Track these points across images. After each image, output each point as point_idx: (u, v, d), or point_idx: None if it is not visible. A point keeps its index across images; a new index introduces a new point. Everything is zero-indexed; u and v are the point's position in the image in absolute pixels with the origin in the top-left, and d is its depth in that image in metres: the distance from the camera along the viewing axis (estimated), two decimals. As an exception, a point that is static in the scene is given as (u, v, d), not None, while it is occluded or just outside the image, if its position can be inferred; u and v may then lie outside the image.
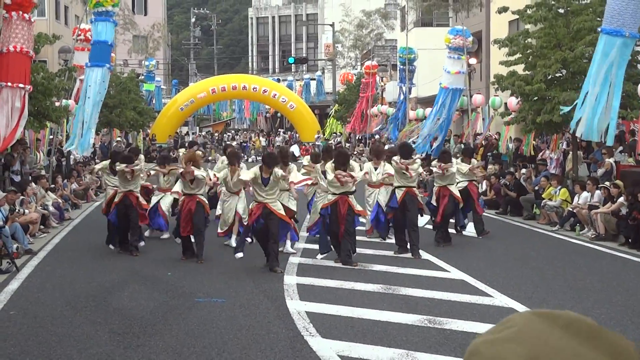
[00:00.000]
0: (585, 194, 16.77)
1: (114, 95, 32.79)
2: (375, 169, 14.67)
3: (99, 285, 11.03)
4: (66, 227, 17.58)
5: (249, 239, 12.27)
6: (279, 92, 47.31)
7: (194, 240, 13.13)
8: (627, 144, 18.87)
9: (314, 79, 65.50)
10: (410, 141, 23.41)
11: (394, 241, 13.99)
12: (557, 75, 18.82)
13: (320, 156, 14.29)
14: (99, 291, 10.61)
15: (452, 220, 15.49)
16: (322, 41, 72.18)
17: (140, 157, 15.03)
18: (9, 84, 15.26)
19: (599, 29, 14.93)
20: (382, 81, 42.67)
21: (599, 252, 14.39)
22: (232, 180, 13.72)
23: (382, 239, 14.97)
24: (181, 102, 46.30)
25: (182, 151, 18.37)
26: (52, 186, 19.82)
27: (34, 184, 17.75)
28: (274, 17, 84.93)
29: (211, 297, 10.16)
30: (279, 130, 62.53)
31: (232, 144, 29.42)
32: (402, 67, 34.07)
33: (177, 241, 13.72)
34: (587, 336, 1.13)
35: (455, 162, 15.36)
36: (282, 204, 12.39)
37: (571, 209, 16.99)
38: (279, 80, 59.81)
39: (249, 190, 12.49)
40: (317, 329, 8.46)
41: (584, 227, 16.39)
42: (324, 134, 49.52)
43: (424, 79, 36.78)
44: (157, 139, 44.25)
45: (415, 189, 13.71)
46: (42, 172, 20.92)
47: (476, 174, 16.49)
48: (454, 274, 11.90)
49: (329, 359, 7.47)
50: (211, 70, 76.53)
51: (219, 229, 14.28)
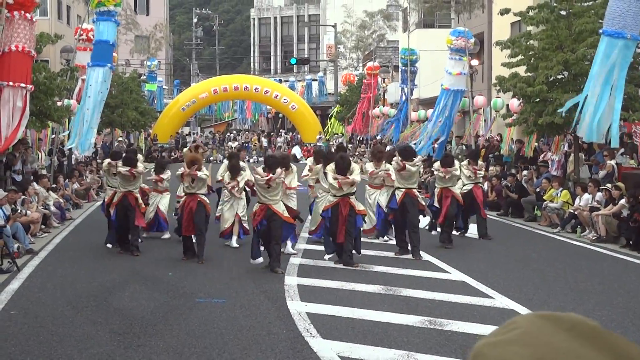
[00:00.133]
0: (586, 196, 16.76)
1: (115, 95, 32.83)
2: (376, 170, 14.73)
3: (99, 285, 11.04)
4: (67, 227, 17.59)
5: (262, 247, 12.24)
6: (280, 92, 47.33)
7: (195, 240, 13.15)
8: (628, 146, 18.84)
9: (316, 80, 65.48)
10: (412, 144, 23.37)
11: (394, 242, 14.00)
12: (559, 77, 18.81)
13: (322, 154, 14.33)
14: (100, 291, 10.62)
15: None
16: (324, 42, 72.24)
17: (138, 156, 15.04)
18: (11, 83, 15.26)
19: (600, 31, 14.93)
20: (383, 82, 42.66)
21: (600, 254, 14.38)
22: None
23: (379, 237, 14.98)
24: (183, 103, 46.35)
25: (185, 151, 18.38)
26: (54, 186, 19.84)
27: (35, 184, 17.77)
28: (276, 18, 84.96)
29: (212, 298, 10.16)
30: (281, 131, 62.53)
31: (234, 147, 29.35)
32: (403, 68, 34.06)
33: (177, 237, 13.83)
34: (590, 338, 1.13)
35: (457, 165, 15.36)
36: (285, 205, 12.41)
37: (572, 211, 16.98)
38: (280, 81, 59.84)
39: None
40: (317, 329, 8.46)
41: (585, 229, 16.38)
42: (325, 134, 49.53)
43: (425, 80, 36.79)
44: (158, 139, 44.31)
45: (415, 191, 13.71)
46: (44, 171, 20.93)
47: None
48: (455, 275, 11.89)
49: (330, 360, 7.47)
50: (213, 70, 76.54)
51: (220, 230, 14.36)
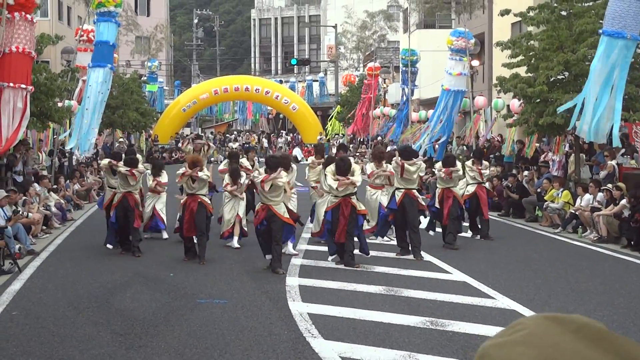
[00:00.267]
0: (587, 196, 16.76)
1: (116, 96, 32.85)
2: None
3: (101, 286, 11.04)
4: (68, 228, 17.59)
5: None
6: (281, 93, 47.33)
7: (196, 241, 13.14)
8: (630, 147, 18.84)
9: (317, 81, 65.54)
10: (416, 145, 23.36)
11: (395, 243, 14.00)
12: (560, 77, 18.80)
13: (323, 148, 14.42)
14: (101, 292, 10.63)
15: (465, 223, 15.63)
16: (325, 43, 72.28)
17: (138, 157, 15.04)
18: (11, 84, 15.26)
19: (600, 31, 14.92)
20: (384, 83, 42.67)
21: (601, 254, 14.38)
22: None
23: (378, 236, 14.98)
24: (183, 103, 46.36)
25: (189, 148, 18.41)
26: (55, 187, 19.85)
27: (36, 185, 17.77)
28: (276, 19, 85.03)
29: (213, 298, 10.16)
30: (281, 131, 62.54)
31: (234, 147, 29.35)
32: (404, 68, 34.07)
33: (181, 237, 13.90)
34: (596, 340, 1.12)
35: (459, 165, 15.36)
36: (286, 207, 12.41)
37: (573, 211, 16.98)
38: (281, 81, 59.89)
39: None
40: (319, 330, 8.46)
41: (586, 230, 16.37)
42: (325, 135, 49.51)
43: (426, 81, 36.82)
44: (159, 140, 44.32)
45: (415, 191, 13.71)
46: (45, 172, 20.94)
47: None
48: (456, 275, 11.89)
49: (331, 361, 7.47)
50: (214, 71, 76.59)
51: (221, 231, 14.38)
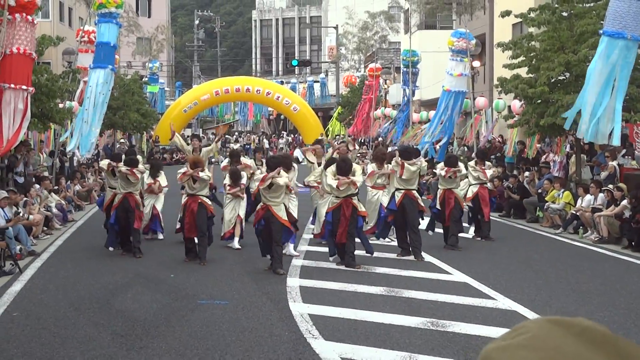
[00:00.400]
0: (588, 197, 16.75)
1: (117, 97, 32.88)
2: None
3: (102, 287, 11.04)
4: (69, 229, 17.60)
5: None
6: (282, 94, 47.29)
7: (197, 241, 13.14)
8: (630, 147, 18.83)
9: (318, 82, 65.54)
10: (420, 146, 23.35)
11: (396, 243, 13.99)
12: (561, 78, 18.79)
13: (322, 144, 14.56)
14: (102, 293, 10.63)
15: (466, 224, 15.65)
16: (326, 44, 72.25)
17: (137, 157, 15.04)
18: (12, 85, 15.27)
19: (601, 31, 14.92)
20: (385, 84, 42.67)
21: (602, 255, 14.37)
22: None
23: (379, 238, 14.97)
24: (185, 104, 46.32)
25: (188, 149, 18.39)
26: (56, 188, 19.86)
27: (37, 186, 17.78)
28: (277, 20, 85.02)
29: (214, 299, 10.16)
30: (282, 132, 62.53)
31: (235, 148, 29.26)
32: (405, 69, 34.06)
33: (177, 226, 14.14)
34: (600, 344, 1.12)
35: (462, 165, 15.35)
36: (286, 209, 12.40)
37: (574, 212, 16.97)
38: (282, 82, 59.84)
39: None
40: (319, 331, 8.46)
41: (587, 230, 16.37)
42: (327, 136, 49.49)
43: (427, 82, 36.80)
44: (160, 140, 44.30)
45: (414, 192, 13.71)
46: (46, 173, 20.95)
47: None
48: (457, 276, 11.88)
49: (332, 362, 7.47)
50: (215, 72, 76.62)
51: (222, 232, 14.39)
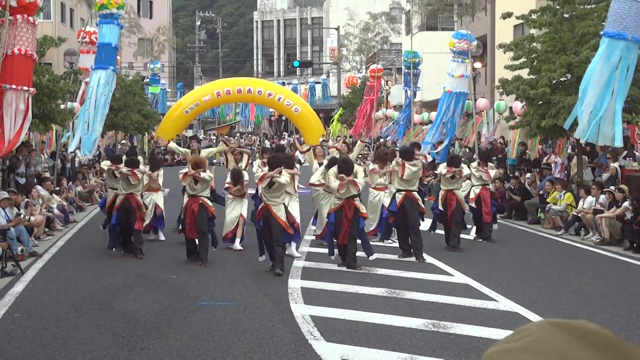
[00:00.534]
0: (590, 199, 16.75)
1: (119, 98, 32.87)
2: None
3: (103, 288, 11.04)
4: (71, 230, 17.60)
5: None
6: (283, 95, 47.07)
7: (198, 243, 13.14)
8: (631, 148, 18.82)
9: (319, 83, 65.55)
10: (423, 145, 23.32)
11: (397, 245, 13.99)
12: (562, 79, 18.78)
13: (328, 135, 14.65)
14: (104, 294, 10.63)
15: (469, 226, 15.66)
16: (327, 45, 72.21)
17: (139, 158, 15.06)
18: (13, 86, 15.28)
19: (601, 32, 14.91)
20: (386, 85, 42.67)
21: (604, 256, 14.36)
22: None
23: (384, 240, 14.98)
24: (186, 105, 46.14)
25: (187, 152, 18.39)
26: (57, 189, 19.87)
27: (39, 187, 17.78)
28: (279, 21, 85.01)
29: (215, 301, 10.16)
30: (284, 133, 62.52)
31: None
32: (406, 70, 34.05)
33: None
34: (602, 347, 1.11)
35: (465, 166, 15.36)
36: (286, 210, 12.40)
37: (576, 214, 16.96)
38: (283, 83, 59.77)
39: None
40: (321, 332, 8.46)
41: (589, 232, 16.36)
42: (328, 137, 49.46)
43: (428, 83, 36.79)
44: (161, 142, 44.25)
45: (415, 193, 13.71)
46: (47, 174, 20.95)
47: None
48: (458, 277, 11.88)
49: (333, 363, 7.47)
50: (216, 73, 76.60)
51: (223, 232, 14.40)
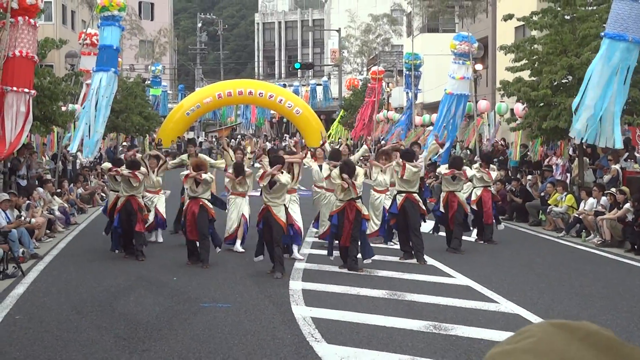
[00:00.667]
0: (591, 200, 16.74)
1: (120, 100, 32.89)
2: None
3: (104, 289, 11.04)
4: (72, 232, 17.60)
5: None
6: (284, 97, 47.11)
7: (198, 244, 13.13)
8: (632, 150, 18.82)
9: (320, 85, 65.55)
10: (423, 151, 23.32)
11: (399, 247, 13.99)
12: (563, 81, 18.79)
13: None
14: (105, 296, 10.63)
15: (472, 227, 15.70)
16: (328, 47, 72.27)
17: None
18: (14, 88, 15.29)
19: (602, 34, 14.92)
20: (388, 87, 42.68)
21: (605, 258, 14.35)
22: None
23: (384, 242, 14.96)
24: (187, 107, 46.17)
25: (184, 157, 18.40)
26: (58, 190, 19.87)
27: (40, 189, 17.79)
28: (280, 23, 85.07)
29: (216, 302, 10.16)
30: (285, 135, 62.52)
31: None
32: (407, 72, 34.05)
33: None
34: (604, 348, 1.11)
35: (466, 168, 15.36)
36: (287, 211, 12.40)
37: (577, 215, 16.96)
38: (285, 85, 59.79)
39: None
40: (322, 334, 8.45)
41: (590, 234, 16.35)
42: (329, 138, 49.48)
43: (429, 85, 36.81)
44: (163, 143, 44.25)
45: (415, 195, 13.70)
46: (48, 176, 20.96)
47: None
48: (459, 279, 11.88)
49: (334, 365, 7.47)
50: (217, 75, 76.62)
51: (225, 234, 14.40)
